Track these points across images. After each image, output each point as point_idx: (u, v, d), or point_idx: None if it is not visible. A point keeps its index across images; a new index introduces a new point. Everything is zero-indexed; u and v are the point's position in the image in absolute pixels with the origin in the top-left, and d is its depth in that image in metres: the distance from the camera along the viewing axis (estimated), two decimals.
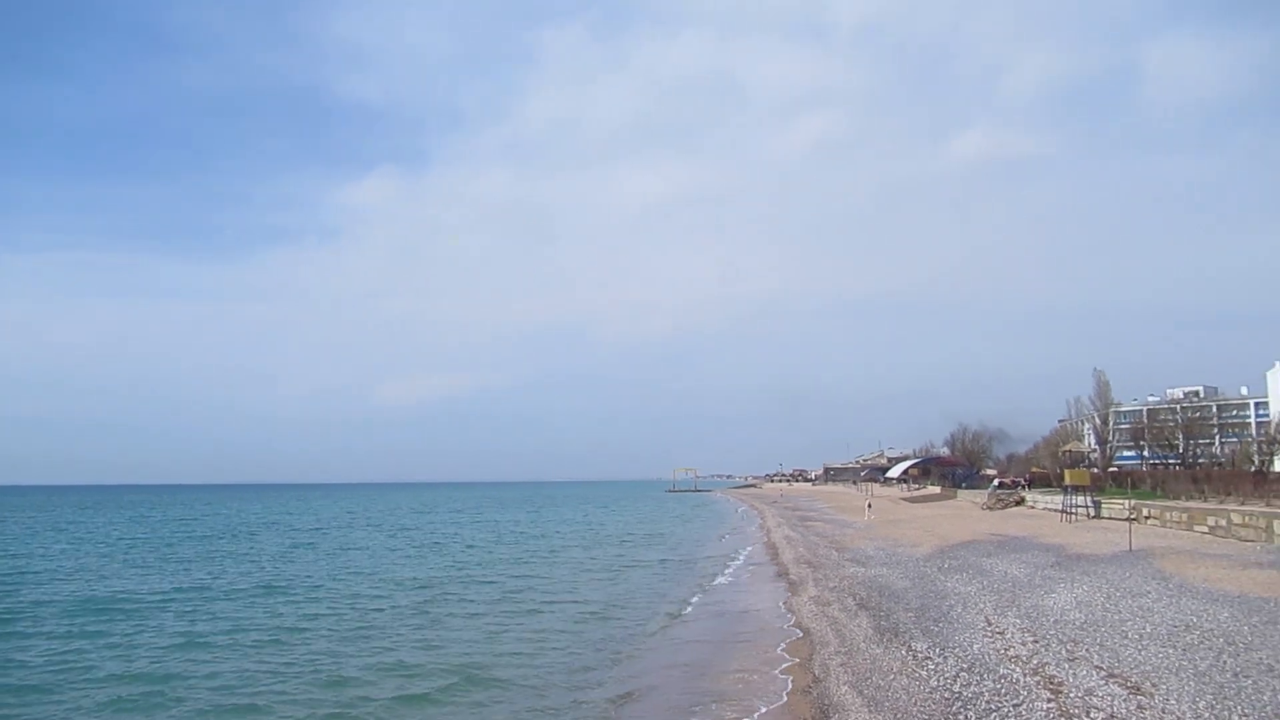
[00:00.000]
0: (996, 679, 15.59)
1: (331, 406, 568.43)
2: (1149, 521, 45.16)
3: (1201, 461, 73.31)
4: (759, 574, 38.13)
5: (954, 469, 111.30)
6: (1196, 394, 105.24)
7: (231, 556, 48.70)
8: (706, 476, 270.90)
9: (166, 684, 19.04)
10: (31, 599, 32.19)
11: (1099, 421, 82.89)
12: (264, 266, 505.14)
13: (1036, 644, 18.28)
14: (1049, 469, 77.02)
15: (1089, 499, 53.73)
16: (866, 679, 16.60)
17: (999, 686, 15.08)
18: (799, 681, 17.62)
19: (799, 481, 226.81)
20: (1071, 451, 73.73)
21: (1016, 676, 15.68)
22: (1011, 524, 52.72)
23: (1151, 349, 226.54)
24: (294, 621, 26.59)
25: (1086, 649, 17.55)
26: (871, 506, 75.91)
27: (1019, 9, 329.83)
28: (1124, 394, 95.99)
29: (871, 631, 21.18)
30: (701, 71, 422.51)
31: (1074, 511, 52.89)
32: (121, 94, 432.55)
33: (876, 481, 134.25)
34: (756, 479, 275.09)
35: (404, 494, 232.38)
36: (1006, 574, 29.88)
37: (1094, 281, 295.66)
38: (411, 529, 76.39)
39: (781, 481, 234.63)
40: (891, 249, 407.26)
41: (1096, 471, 65.68)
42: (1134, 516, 45.40)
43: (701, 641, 23.27)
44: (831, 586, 29.98)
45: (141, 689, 18.68)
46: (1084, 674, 15.55)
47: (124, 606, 29.99)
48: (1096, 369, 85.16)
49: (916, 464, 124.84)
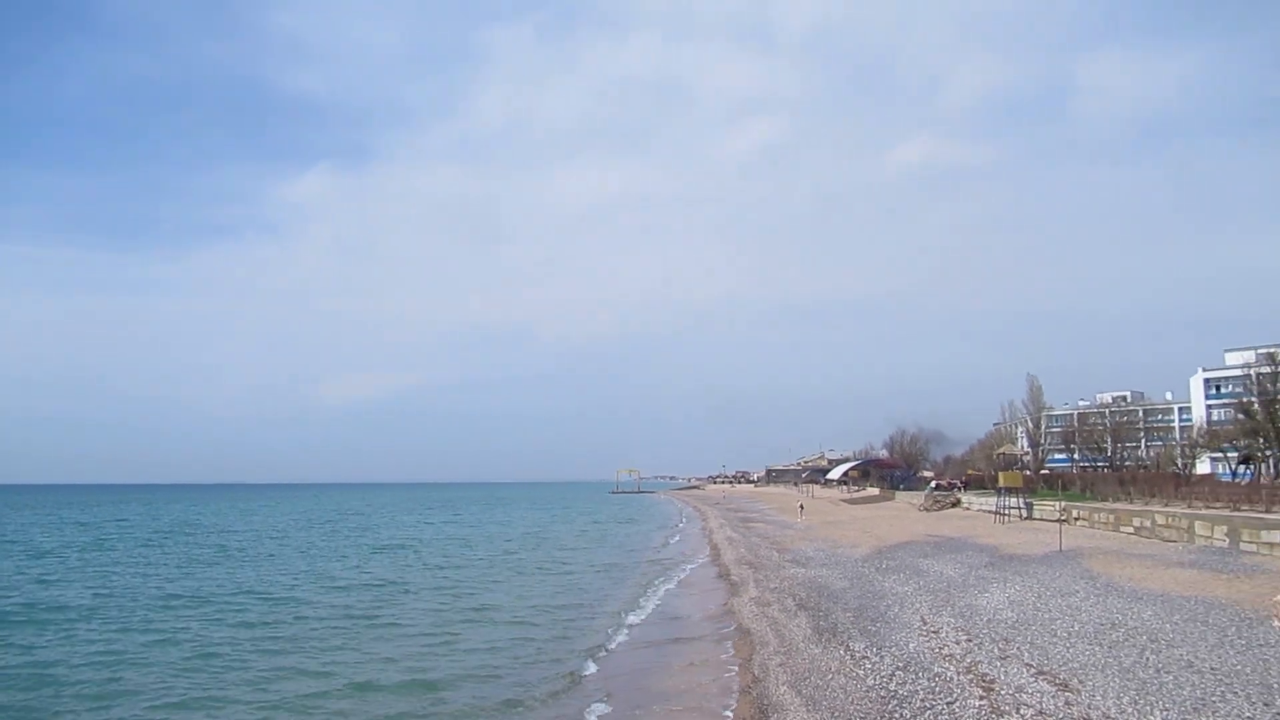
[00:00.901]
0: (931, 677, 15.89)
1: (271, 404, 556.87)
2: (1078, 522, 46.50)
3: (1128, 464, 75.82)
4: (701, 575, 38.33)
5: (892, 471, 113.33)
6: (1124, 399, 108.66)
7: (155, 563, 47.16)
8: (650, 478, 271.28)
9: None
10: None
11: (1032, 425, 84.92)
12: (203, 261, 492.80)
13: (970, 643, 18.69)
14: (984, 471, 78.86)
15: (1022, 500, 55.16)
16: (805, 679, 16.80)
17: (933, 685, 15.37)
18: (740, 681, 17.76)
19: (741, 483, 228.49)
20: (1005, 454, 75.58)
21: (950, 675, 16.00)
22: (947, 525, 53.83)
23: (1082, 354, 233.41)
24: (220, 632, 25.31)
25: (1017, 647, 17.99)
26: (804, 508, 77.12)
27: (959, 21, 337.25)
28: (1056, 398, 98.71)
29: (810, 631, 21.44)
30: (649, 74, 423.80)
31: (1007, 513, 54.22)
32: (56, 82, 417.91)
33: (818, 483, 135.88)
34: (699, 480, 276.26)
35: (345, 495, 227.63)
36: (942, 574, 30.51)
37: (1028, 288, 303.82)
38: (352, 531, 74.98)
39: (724, 483, 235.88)
40: (835, 254, 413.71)
41: (1029, 474, 67.42)
42: (1064, 518, 46.76)
43: (644, 644, 23.32)
44: (772, 587, 30.26)
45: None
46: (1015, 672, 15.94)
47: (45, 615, 28.84)
48: (1030, 374, 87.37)
49: (856, 466, 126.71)
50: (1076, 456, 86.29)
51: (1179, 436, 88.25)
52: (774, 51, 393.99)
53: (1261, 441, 59.02)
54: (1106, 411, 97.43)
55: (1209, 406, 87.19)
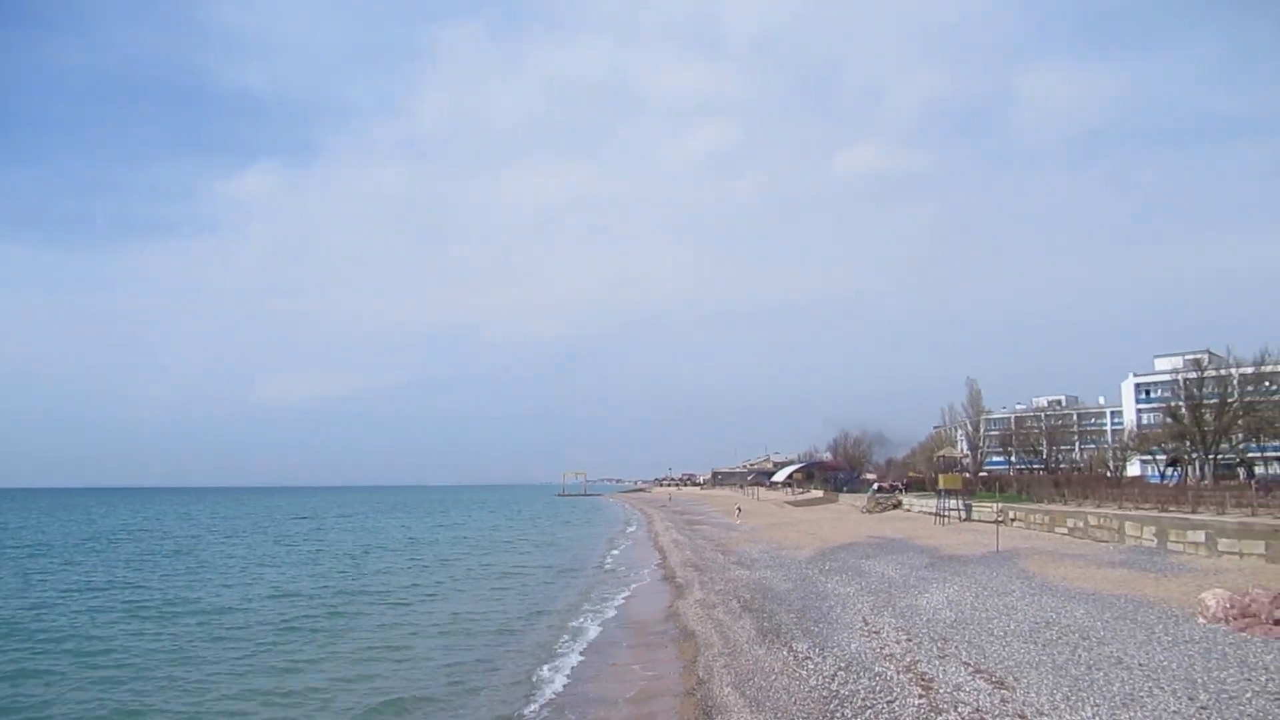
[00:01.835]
0: (872, 677, 16.12)
1: (210, 405, 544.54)
2: (1015, 524, 47.57)
3: (1063, 466, 77.76)
4: (647, 578, 38.36)
5: (836, 473, 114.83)
6: (1059, 403, 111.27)
7: (87, 571, 45.73)
8: (596, 480, 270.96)
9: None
10: None
11: (971, 428, 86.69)
12: (141, 258, 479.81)
13: (910, 642, 19.00)
14: (925, 473, 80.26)
15: (961, 502, 56.27)
16: (749, 680, 16.92)
17: (874, 684, 15.60)
18: (685, 684, 17.83)
19: (688, 486, 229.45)
20: (945, 457, 77.07)
21: (891, 674, 16.25)
22: (889, 526, 54.69)
23: (1020, 359, 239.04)
24: (145, 644, 24.39)
25: (956, 646, 18.35)
26: (741, 510, 78.01)
27: (905, 32, 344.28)
28: (994, 402, 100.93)
29: (755, 633, 21.60)
30: (598, 76, 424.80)
31: (947, 514, 55.29)
32: None
33: (763, 485, 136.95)
34: (646, 483, 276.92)
35: (287, 499, 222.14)
36: (883, 575, 30.98)
37: (968, 294, 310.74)
38: (291, 536, 73.14)
39: (670, 485, 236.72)
40: (781, 259, 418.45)
41: (968, 476, 68.87)
42: (1001, 519, 47.84)
43: (589, 648, 23.23)
44: (717, 589, 30.42)
45: None
46: (953, 670, 16.25)
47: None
48: (969, 378, 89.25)
49: (801, 468, 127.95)
50: (1014, 459, 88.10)
51: (1111, 440, 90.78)
52: (723, 57, 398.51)
53: (1188, 444, 61.02)
54: (1042, 415, 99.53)
55: (1139, 411, 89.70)
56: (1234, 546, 29.22)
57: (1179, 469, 63.22)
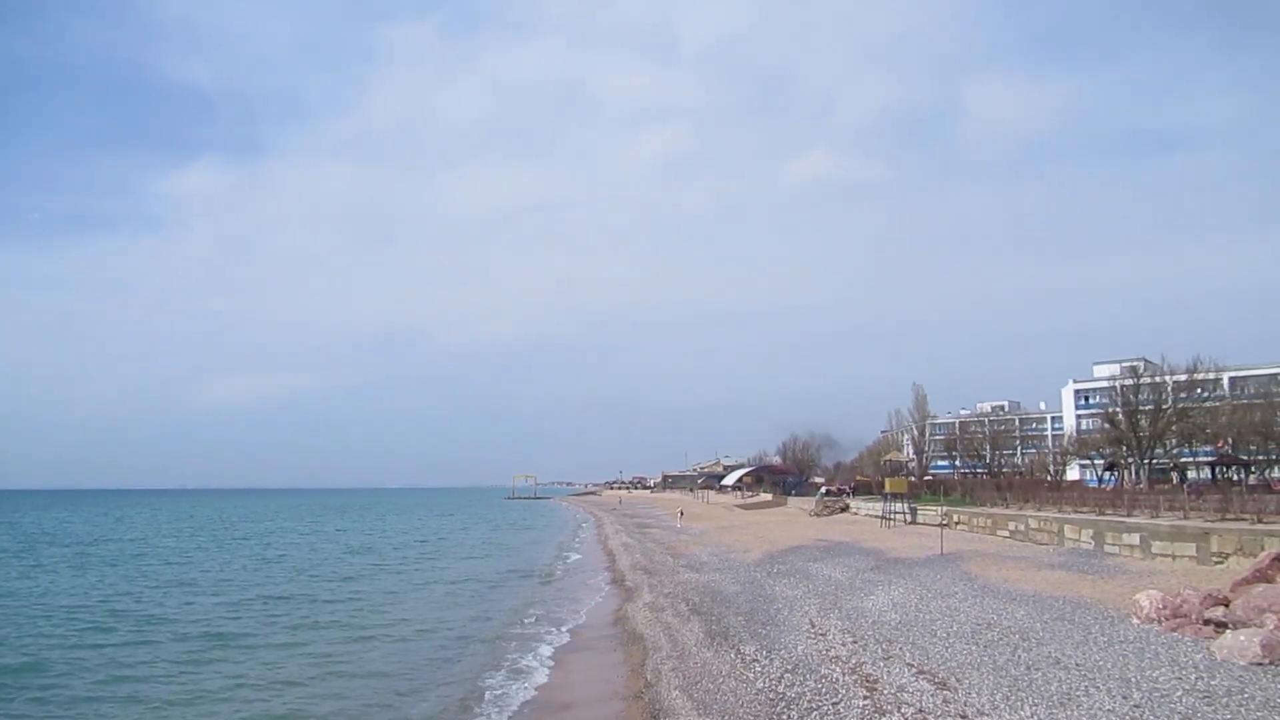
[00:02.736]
0: (818, 679, 16.27)
1: (150, 406, 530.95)
2: (959, 527, 48.42)
3: (1005, 470, 79.17)
4: (596, 582, 38.25)
5: (785, 477, 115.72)
6: (1002, 408, 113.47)
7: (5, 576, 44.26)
8: (546, 483, 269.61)
9: None
10: None
11: (917, 433, 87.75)
12: (76, 255, 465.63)
13: (855, 644, 19.22)
14: (872, 477, 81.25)
15: (906, 505, 57.13)
16: (697, 682, 16.97)
17: (820, 686, 15.74)
18: (633, 687, 17.81)
19: (638, 489, 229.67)
20: (891, 461, 78.00)
21: (836, 676, 16.41)
22: (836, 529, 55.26)
23: (964, 365, 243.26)
24: (67, 653, 23.75)
25: (900, 648, 18.60)
26: (683, 514, 78.46)
27: (856, 41, 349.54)
28: (939, 407, 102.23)
29: (703, 636, 21.66)
30: (551, 79, 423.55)
31: (893, 517, 56.07)
32: None
33: (713, 489, 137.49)
34: (596, 486, 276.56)
35: (229, 501, 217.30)
36: (830, 578, 31.31)
37: (914, 300, 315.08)
38: (232, 541, 71.42)
39: (621, 489, 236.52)
40: (732, 263, 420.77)
41: (914, 480, 69.76)
42: (946, 522, 48.64)
43: (536, 654, 23.04)
44: (666, 593, 30.46)
45: None
46: (897, 672, 16.47)
47: None
48: (915, 383, 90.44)
49: (750, 472, 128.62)
50: (958, 463, 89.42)
51: (1051, 444, 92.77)
52: (677, 62, 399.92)
53: (1124, 449, 62.56)
54: (986, 420, 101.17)
55: (1079, 416, 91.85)
56: (1167, 549, 30.03)
57: (1116, 473, 64.80)
